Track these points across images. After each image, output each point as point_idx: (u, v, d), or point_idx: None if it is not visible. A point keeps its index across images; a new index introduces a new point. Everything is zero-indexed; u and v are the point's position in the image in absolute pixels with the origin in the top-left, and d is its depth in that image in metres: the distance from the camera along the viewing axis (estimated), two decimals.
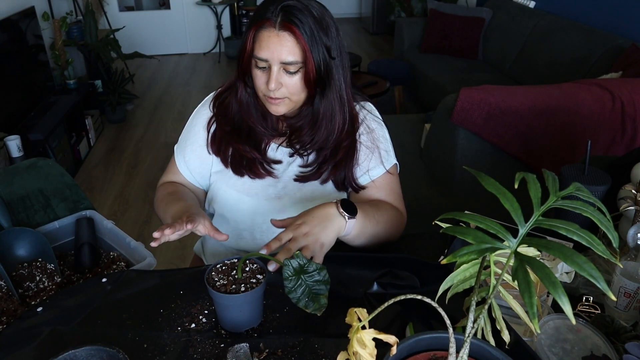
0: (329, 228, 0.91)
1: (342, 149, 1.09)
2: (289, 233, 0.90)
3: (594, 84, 2.09)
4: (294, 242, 0.88)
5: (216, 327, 0.85)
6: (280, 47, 0.96)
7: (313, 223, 0.91)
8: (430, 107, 3.65)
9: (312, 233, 0.89)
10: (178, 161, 1.18)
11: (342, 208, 0.94)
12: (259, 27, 0.97)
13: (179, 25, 6.04)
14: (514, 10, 3.92)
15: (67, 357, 0.68)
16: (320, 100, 1.04)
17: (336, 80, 1.04)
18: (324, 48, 0.99)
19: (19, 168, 1.24)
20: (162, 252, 2.54)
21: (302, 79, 1.00)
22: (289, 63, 0.98)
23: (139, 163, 3.48)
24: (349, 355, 0.61)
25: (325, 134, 1.07)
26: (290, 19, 0.95)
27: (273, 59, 0.97)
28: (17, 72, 3.02)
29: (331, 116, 1.06)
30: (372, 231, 1.01)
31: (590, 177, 1.10)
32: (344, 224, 0.94)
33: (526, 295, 0.50)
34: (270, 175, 1.12)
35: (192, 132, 1.17)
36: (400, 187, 1.17)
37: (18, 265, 1.09)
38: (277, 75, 0.99)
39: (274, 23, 0.96)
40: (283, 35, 0.96)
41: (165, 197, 1.12)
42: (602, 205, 0.61)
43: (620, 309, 0.91)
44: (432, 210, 1.92)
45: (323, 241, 0.90)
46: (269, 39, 0.97)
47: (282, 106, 1.04)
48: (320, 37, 0.98)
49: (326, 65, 1.00)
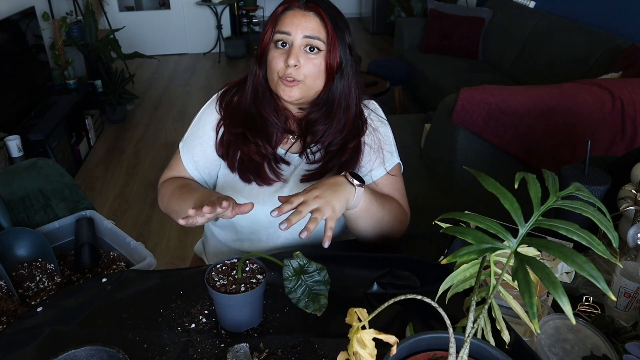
0: (339, 192, 0.93)
1: (348, 150, 1.10)
2: (300, 197, 0.90)
3: (594, 84, 2.08)
4: (305, 204, 0.88)
5: (216, 327, 0.85)
6: (306, 22, 0.98)
7: (323, 188, 0.92)
8: (430, 107, 3.65)
9: (323, 196, 0.90)
10: (185, 159, 1.15)
11: (351, 176, 0.96)
12: (284, 8, 1.00)
13: (179, 25, 6.04)
14: (514, 10, 3.92)
15: (67, 357, 0.68)
16: (336, 89, 1.05)
17: (351, 77, 1.05)
18: (346, 40, 1.02)
19: (19, 168, 1.24)
20: (162, 252, 2.54)
21: (323, 64, 1.01)
22: (314, 37, 0.98)
23: (139, 163, 3.48)
24: (349, 355, 0.61)
25: (338, 125, 1.08)
26: (318, 2, 0.98)
27: (297, 32, 0.98)
28: (17, 72, 3.02)
29: (347, 107, 1.07)
30: (377, 213, 1.02)
31: (590, 177, 1.10)
32: (353, 191, 0.95)
33: (526, 295, 0.50)
34: (278, 179, 1.10)
35: (201, 131, 1.14)
36: (404, 187, 1.17)
37: (18, 265, 1.09)
38: (298, 51, 0.99)
39: (300, 3, 0.98)
40: (309, 14, 0.98)
41: (176, 190, 1.09)
42: (602, 205, 0.61)
43: (620, 309, 0.91)
44: (432, 210, 1.92)
45: (334, 205, 0.90)
46: (294, 16, 0.99)
47: (296, 90, 1.02)
48: (344, 32, 1.01)
49: (346, 58, 1.03)
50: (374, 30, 6.91)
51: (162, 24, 5.98)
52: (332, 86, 1.04)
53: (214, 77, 5.33)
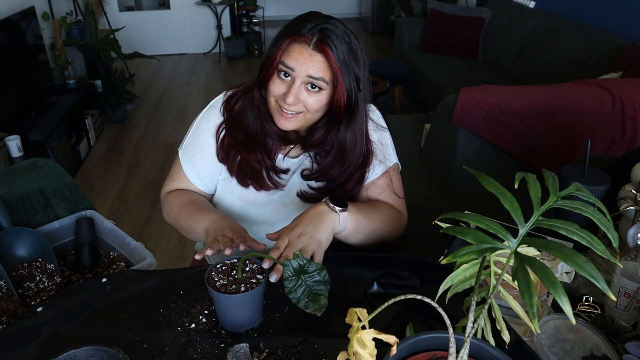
0: (322, 225, 0.92)
1: (352, 181, 1.10)
2: (284, 238, 0.90)
3: (594, 84, 2.08)
4: (290, 247, 0.89)
5: (216, 327, 0.84)
6: (311, 62, 0.95)
7: (305, 223, 0.92)
8: (430, 107, 3.65)
9: (306, 232, 0.90)
10: (186, 169, 1.15)
11: (332, 203, 0.95)
12: (293, 39, 0.96)
13: (179, 25, 6.04)
14: (514, 10, 3.92)
15: (67, 357, 0.68)
16: (346, 130, 1.03)
17: (361, 113, 1.03)
18: (354, 77, 0.98)
19: (19, 168, 1.24)
20: (162, 252, 2.54)
21: (325, 100, 0.99)
22: (316, 78, 0.96)
23: (139, 163, 3.48)
24: (349, 355, 0.61)
25: (348, 166, 1.07)
26: (326, 41, 0.94)
27: (300, 71, 0.96)
28: (17, 72, 3.02)
29: (354, 147, 1.06)
30: (368, 227, 1.01)
31: (590, 177, 1.10)
32: (337, 218, 0.94)
33: (526, 295, 0.50)
34: (277, 188, 1.11)
35: (200, 140, 1.13)
36: (401, 187, 1.17)
37: (18, 265, 1.09)
38: (297, 90, 0.97)
39: (309, 41, 0.95)
40: (315, 55, 0.95)
41: (184, 208, 1.10)
42: (602, 205, 0.61)
43: (620, 309, 0.91)
44: (432, 210, 1.92)
45: (319, 238, 0.90)
46: (301, 53, 0.95)
47: (293, 122, 1.02)
48: (352, 67, 0.97)
49: (355, 96, 1.00)
50: (374, 30, 6.91)
51: (162, 24, 5.98)
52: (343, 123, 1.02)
53: (214, 77, 5.33)
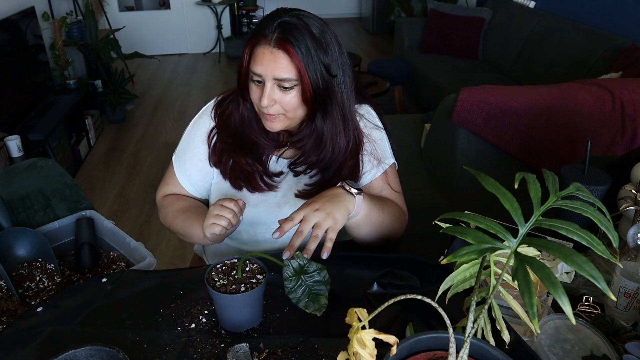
0: (338, 203, 0.92)
1: (346, 169, 1.09)
2: (300, 212, 0.90)
3: (594, 84, 2.09)
4: (305, 221, 0.88)
5: (216, 327, 0.84)
6: (274, 64, 0.95)
7: (322, 200, 0.92)
8: (430, 107, 3.66)
9: (322, 209, 0.90)
10: (178, 173, 1.17)
11: (349, 185, 0.95)
12: (254, 43, 0.97)
13: (179, 25, 6.04)
14: (514, 10, 3.92)
15: (67, 357, 0.68)
16: (323, 118, 1.03)
17: (339, 99, 1.03)
18: (322, 66, 0.97)
19: (19, 168, 1.24)
20: (162, 252, 2.54)
21: (299, 96, 0.99)
22: (283, 79, 0.96)
23: (139, 163, 3.48)
24: (349, 355, 0.61)
25: (330, 153, 1.07)
26: (286, 37, 0.94)
27: (267, 74, 0.96)
28: (17, 72, 3.02)
29: (335, 135, 1.05)
30: (378, 218, 1.02)
31: (590, 177, 1.10)
32: (352, 200, 0.95)
33: (526, 295, 0.50)
34: (270, 190, 1.11)
35: (192, 145, 1.15)
36: (399, 186, 1.17)
37: (18, 265, 1.09)
38: (270, 92, 0.98)
39: (269, 40, 0.95)
40: (277, 53, 0.95)
41: (179, 214, 1.12)
42: (602, 205, 0.61)
43: (620, 309, 0.91)
44: (432, 210, 1.92)
45: (335, 216, 0.90)
46: (264, 55, 0.96)
47: (277, 122, 1.02)
48: (318, 56, 0.97)
49: (325, 84, 0.99)
50: (374, 30, 6.92)
51: (162, 24, 5.98)
52: (316, 112, 1.02)
53: (214, 77, 5.33)
